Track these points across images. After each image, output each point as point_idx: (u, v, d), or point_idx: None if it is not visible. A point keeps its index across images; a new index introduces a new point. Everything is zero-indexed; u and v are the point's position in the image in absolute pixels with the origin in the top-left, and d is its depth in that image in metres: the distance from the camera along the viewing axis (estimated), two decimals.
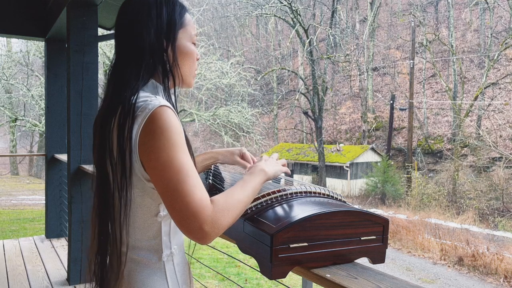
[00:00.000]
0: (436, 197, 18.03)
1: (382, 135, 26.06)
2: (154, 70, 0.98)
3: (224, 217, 0.85)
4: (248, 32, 34.77)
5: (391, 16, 31.90)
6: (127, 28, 0.98)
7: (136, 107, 0.89)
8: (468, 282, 9.23)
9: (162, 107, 0.87)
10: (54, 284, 3.30)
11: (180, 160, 0.85)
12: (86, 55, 3.11)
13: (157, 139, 0.85)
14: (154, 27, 0.96)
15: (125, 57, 0.98)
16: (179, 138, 0.87)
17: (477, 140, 20.36)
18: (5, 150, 29.22)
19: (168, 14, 0.98)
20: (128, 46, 0.98)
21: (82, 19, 3.08)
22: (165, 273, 0.97)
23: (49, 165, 4.51)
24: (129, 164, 0.90)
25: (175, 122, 0.87)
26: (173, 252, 0.99)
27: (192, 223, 0.82)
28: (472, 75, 25.04)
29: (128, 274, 0.97)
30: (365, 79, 28.16)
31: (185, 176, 0.84)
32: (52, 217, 4.53)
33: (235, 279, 6.98)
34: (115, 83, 0.97)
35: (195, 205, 0.82)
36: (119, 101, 0.93)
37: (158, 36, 0.96)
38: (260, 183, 0.98)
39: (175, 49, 0.99)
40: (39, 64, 21.93)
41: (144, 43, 0.95)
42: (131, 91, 0.93)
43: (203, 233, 0.82)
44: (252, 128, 20.71)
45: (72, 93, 3.09)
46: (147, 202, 0.94)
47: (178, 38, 0.99)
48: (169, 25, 0.98)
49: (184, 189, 0.83)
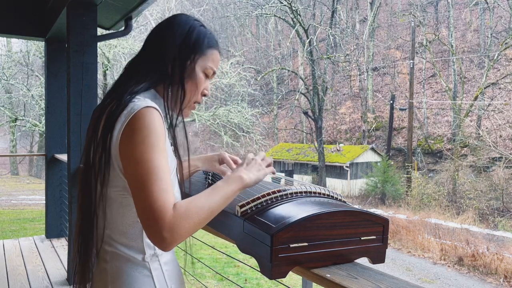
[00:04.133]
0: (436, 197, 18.03)
1: (382, 135, 26.05)
2: (160, 80, 1.00)
3: (183, 224, 0.83)
4: (248, 32, 34.76)
5: (391, 16, 31.89)
6: (158, 34, 1.03)
7: (125, 106, 0.91)
8: (468, 282, 9.23)
9: (148, 108, 0.89)
10: (54, 284, 3.30)
11: (153, 161, 0.85)
12: (86, 55, 3.11)
13: (135, 136, 0.87)
14: (179, 41, 1.01)
15: (142, 60, 1.03)
16: (157, 140, 0.87)
17: (477, 140, 20.35)
18: (5, 150, 29.21)
19: (196, 38, 1.02)
20: (150, 50, 1.03)
21: (82, 19, 3.08)
22: (150, 272, 0.98)
23: (49, 165, 4.51)
24: (107, 158, 0.92)
25: (157, 124, 0.88)
26: (157, 253, 0.99)
27: (152, 226, 0.82)
28: (472, 75, 25.04)
29: (113, 271, 0.97)
30: (365, 79, 28.16)
31: (154, 177, 0.84)
32: (52, 217, 4.53)
33: (234, 279, 6.98)
34: (121, 80, 1.02)
35: (157, 208, 0.81)
36: (114, 97, 0.96)
37: (178, 50, 1.00)
38: (234, 191, 0.94)
39: (185, 69, 1.01)
40: (39, 64, 21.92)
41: (164, 51, 1.00)
42: (128, 91, 0.95)
43: (162, 238, 0.81)
44: (252, 128, 20.69)
45: (72, 93, 3.09)
46: (129, 202, 0.94)
47: (193, 61, 1.02)
48: (192, 47, 1.02)
49: (150, 190, 0.83)
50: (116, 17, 3.61)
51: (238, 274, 7.33)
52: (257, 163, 1.03)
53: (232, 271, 7.45)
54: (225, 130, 19.77)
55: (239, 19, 31.36)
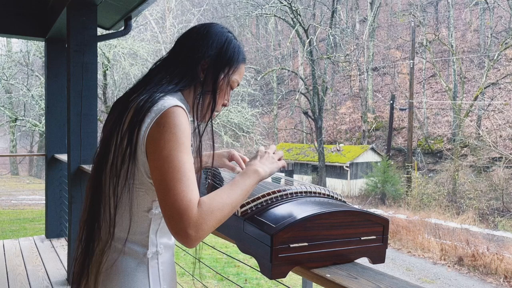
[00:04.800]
0: (436, 197, 18.03)
1: (382, 135, 26.05)
2: (189, 85, 1.03)
3: (208, 220, 0.85)
4: (248, 32, 34.75)
5: (391, 16, 31.89)
6: (193, 39, 1.05)
7: (155, 103, 0.93)
8: (468, 282, 9.23)
9: (176, 107, 0.91)
10: (54, 284, 3.30)
11: (180, 159, 0.87)
12: (86, 55, 3.11)
13: (164, 134, 0.89)
14: (215, 52, 1.03)
15: (174, 62, 1.04)
16: (184, 138, 0.89)
17: (477, 140, 20.35)
18: (5, 150, 29.20)
19: (232, 51, 1.05)
20: (183, 53, 1.04)
21: (82, 19, 3.08)
22: (147, 268, 0.99)
23: (49, 165, 4.51)
24: (131, 153, 0.92)
25: (185, 122, 0.91)
26: (159, 251, 1.01)
27: (177, 223, 0.83)
28: (472, 75, 25.03)
29: (111, 263, 0.99)
30: (365, 79, 28.15)
31: (181, 175, 0.86)
32: (52, 217, 4.53)
33: (234, 279, 6.98)
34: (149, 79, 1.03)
35: (183, 205, 0.83)
36: (142, 93, 0.97)
37: (213, 60, 1.03)
38: (252, 185, 0.96)
39: (218, 81, 1.04)
40: (39, 64, 21.92)
41: (197, 57, 1.02)
42: (159, 89, 0.97)
43: (187, 235, 0.83)
44: (252, 128, 20.70)
45: (72, 93, 3.09)
46: (142, 196, 0.96)
47: (227, 75, 1.05)
48: (228, 60, 1.05)
49: (177, 187, 0.85)
50: (116, 17, 3.61)
51: (238, 274, 7.33)
52: (270, 156, 1.05)
53: (232, 271, 7.46)
54: (225, 130, 19.78)
55: (239, 19, 31.35)
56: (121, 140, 0.94)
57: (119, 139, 0.95)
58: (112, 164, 0.96)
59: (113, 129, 0.98)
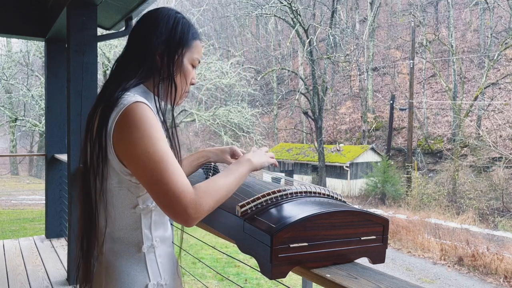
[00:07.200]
0: (436, 197, 18.02)
1: (382, 135, 26.05)
2: (148, 75, 1.02)
3: (206, 200, 0.89)
4: (248, 32, 34.76)
5: (391, 16, 31.89)
6: (142, 30, 1.04)
7: (115, 102, 0.94)
8: (468, 282, 9.23)
9: (137, 103, 0.91)
10: (54, 284, 3.30)
11: (156, 150, 0.89)
12: (86, 55, 3.10)
13: (131, 133, 0.89)
14: (165, 36, 1.02)
15: (129, 57, 1.04)
16: (154, 131, 0.90)
17: (477, 140, 20.35)
18: (5, 150, 29.19)
19: (181, 32, 1.04)
20: (135, 46, 1.04)
21: (82, 19, 3.08)
22: (145, 262, 1.00)
23: (49, 165, 4.51)
24: (103, 155, 0.94)
25: (150, 116, 0.91)
26: (155, 244, 1.02)
27: (176, 207, 0.86)
28: (472, 75, 25.03)
29: (106, 264, 1.00)
30: (365, 79, 28.15)
31: (164, 165, 0.88)
32: (52, 217, 4.53)
33: (234, 279, 6.98)
34: (110, 79, 1.03)
35: (177, 190, 0.86)
36: (105, 96, 0.98)
37: (165, 45, 1.02)
38: (245, 172, 1.02)
39: (174, 63, 1.03)
40: (39, 64, 21.92)
41: (150, 47, 1.01)
42: (119, 88, 0.97)
43: (187, 215, 0.86)
44: (252, 128, 20.69)
45: (72, 93, 3.08)
46: (125, 194, 0.97)
47: (181, 55, 1.04)
48: (179, 41, 1.04)
49: (165, 177, 0.87)
50: (116, 17, 3.61)
51: (238, 274, 7.33)
52: (262, 151, 1.14)
53: (232, 271, 7.46)
54: (225, 130, 19.77)
55: (239, 19, 31.37)
56: (93, 145, 0.96)
57: (92, 145, 0.97)
58: (91, 168, 0.98)
59: (86, 138, 1.01)
